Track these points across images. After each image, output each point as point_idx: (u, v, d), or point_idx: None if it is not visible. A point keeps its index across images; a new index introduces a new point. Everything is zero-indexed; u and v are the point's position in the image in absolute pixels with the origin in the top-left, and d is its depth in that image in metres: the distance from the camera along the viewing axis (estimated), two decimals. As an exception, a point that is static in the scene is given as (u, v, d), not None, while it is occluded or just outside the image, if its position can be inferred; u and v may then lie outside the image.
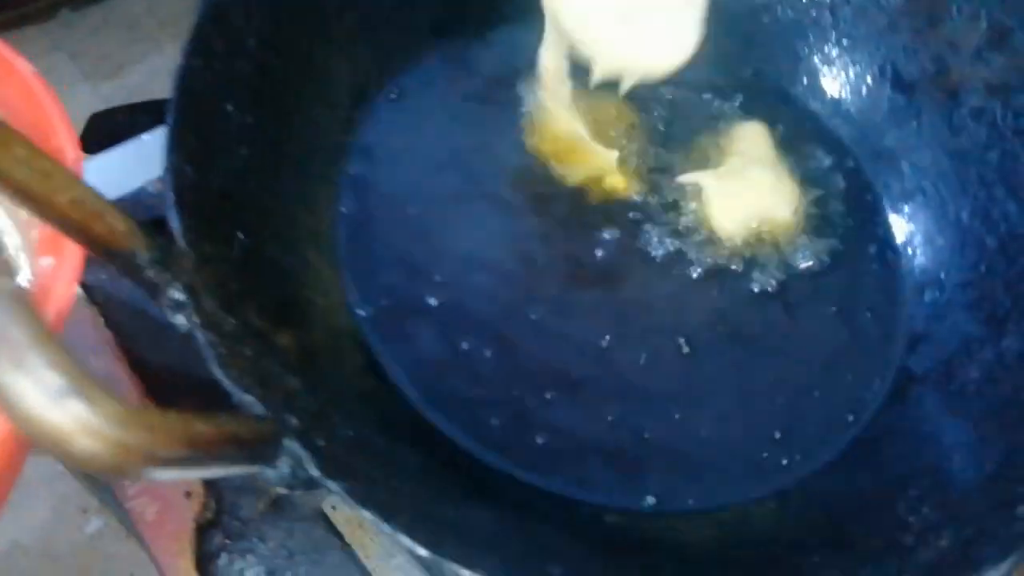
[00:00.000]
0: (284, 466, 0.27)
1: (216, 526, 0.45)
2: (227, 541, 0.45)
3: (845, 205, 0.55)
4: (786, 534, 0.42)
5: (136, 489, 0.44)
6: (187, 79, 0.36)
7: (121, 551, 0.83)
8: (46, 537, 0.85)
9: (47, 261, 0.29)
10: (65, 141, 0.30)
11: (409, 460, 0.38)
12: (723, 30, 0.52)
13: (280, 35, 0.44)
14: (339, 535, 0.45)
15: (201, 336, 0.28)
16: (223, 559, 0.45)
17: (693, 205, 0.52)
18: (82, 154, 0.30)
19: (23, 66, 0.32)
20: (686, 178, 0.52)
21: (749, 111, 0.57)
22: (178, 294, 0.29)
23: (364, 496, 0.28)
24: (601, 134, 0.53)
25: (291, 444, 0.27)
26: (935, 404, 0.47)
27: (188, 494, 0.45)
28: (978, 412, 0.45)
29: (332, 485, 0.27)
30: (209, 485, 0.46)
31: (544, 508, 0.41)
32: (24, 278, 0.30)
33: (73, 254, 0.28)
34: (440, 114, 0.53)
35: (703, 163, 0.54)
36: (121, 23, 1.32)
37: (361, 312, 0.44)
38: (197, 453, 0.21)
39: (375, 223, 0.47)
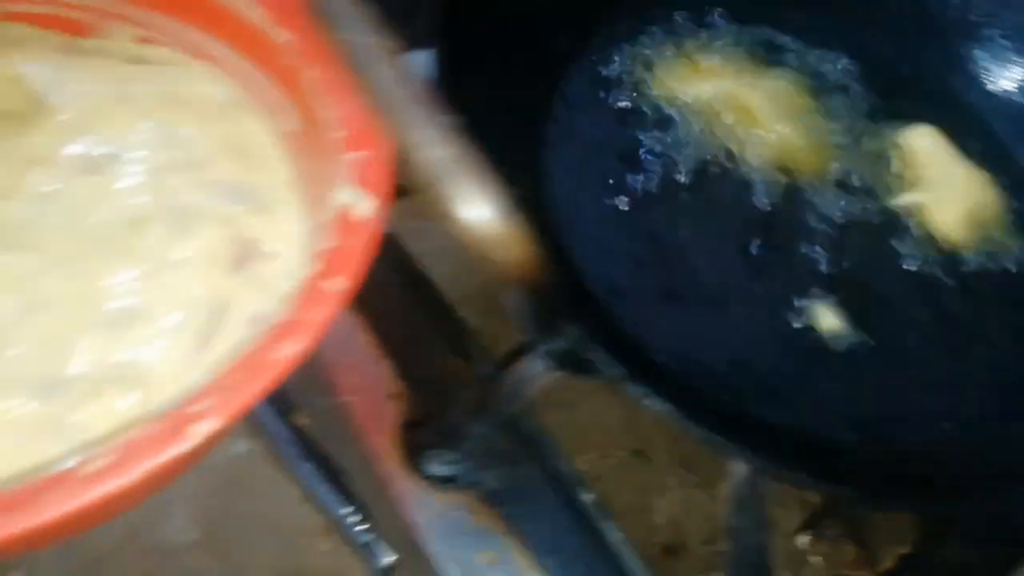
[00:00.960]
0: (561, 341, 0.37)
1: (422, 426, 0.51)
2: (432, 440, 0.50)
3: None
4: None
5: (346, 388, 0.52)
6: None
7: (263, 472, 0.94)
8: None
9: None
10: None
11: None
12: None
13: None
14: (529, 443, 0.52)
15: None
16: (428, 455, 0.50)
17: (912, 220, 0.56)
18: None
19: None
20: (902, 200, 0.56)
21: (915, 114, 0.60)
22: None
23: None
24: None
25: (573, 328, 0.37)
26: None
27: (392, 396, 0.51)
28: None
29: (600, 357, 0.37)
30: (414, 389, 0.52)
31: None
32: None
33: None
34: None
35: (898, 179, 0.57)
36: None
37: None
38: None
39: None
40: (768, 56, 0.61)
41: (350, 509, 0.61)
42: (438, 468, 0.51)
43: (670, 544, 0.64)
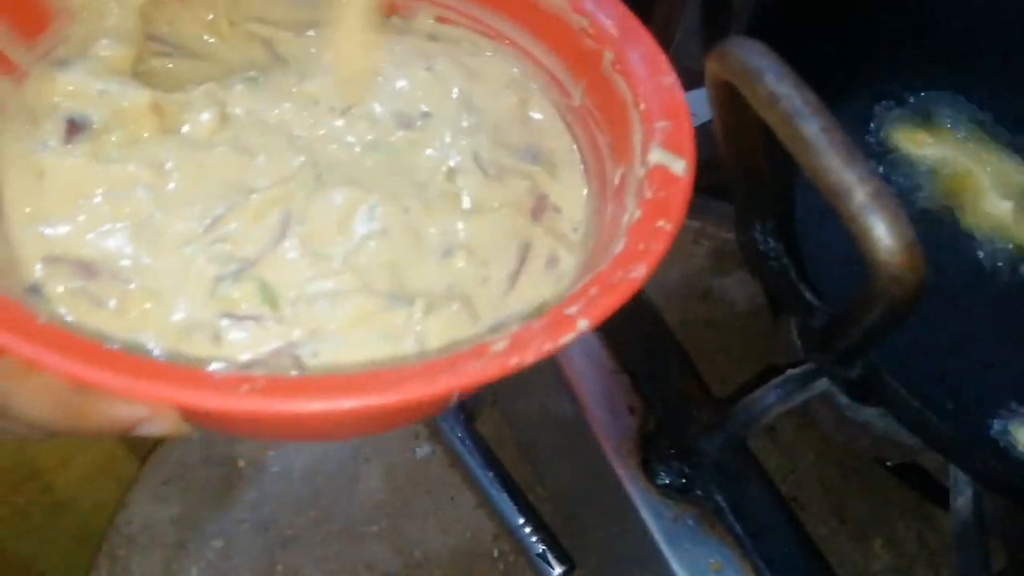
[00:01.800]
0: (854, 371, 0.42)
1: (659, 438, 0.57)
2: (666, 452, 0.56)
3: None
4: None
5: (588, 399, 0.59)
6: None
7: (445, 475, 1.01)
8: (383, 448, 1.05)
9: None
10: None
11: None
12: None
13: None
14: (758, 467, 0.58)
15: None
16: (661, 466, 0.56)
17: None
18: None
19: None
20: None
21: None
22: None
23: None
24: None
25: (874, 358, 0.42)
26: None
27: (632, 409, 0.59)
28: None
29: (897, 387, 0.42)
30: (648, 405, 0.58)
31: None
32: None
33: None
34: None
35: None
36: None
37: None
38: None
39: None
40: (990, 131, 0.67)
41: (523, 520, 0.68)
42: (670, 479, 0.56)
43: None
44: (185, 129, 0.46)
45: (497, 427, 0.78)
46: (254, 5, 0.51)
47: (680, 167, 0.39)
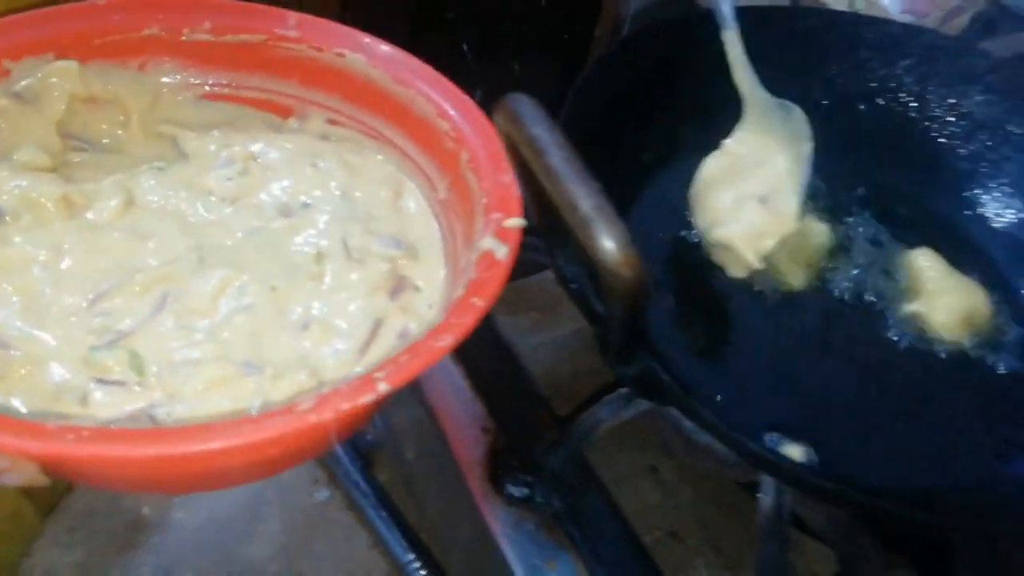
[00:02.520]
0: (632, 370, 0.47)
1: (507, 454, 0.63)
2: (514, 467, 0.62)
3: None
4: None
5: (448, 423, 0.65)
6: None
7: (342, 517, 1.05)
8: (285, 492, 1.08)
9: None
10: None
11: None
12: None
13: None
14: (593, 477, 0.63)
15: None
16: (511, 477, 0.62)
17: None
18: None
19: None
20: (910, 309, 0.71)
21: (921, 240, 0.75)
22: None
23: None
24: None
25: (646, 356, 0.48)
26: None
27: (484, 429, 0.65)
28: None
29: (669, 381, 0.47)
30: (500, 425, 0.65)
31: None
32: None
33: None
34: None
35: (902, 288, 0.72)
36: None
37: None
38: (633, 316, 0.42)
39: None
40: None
41: (412, 556, 0.72)
42: (516, 490, 0.62)
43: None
44: (90, 215, 0.51)
45: (392, 473, 0.83)
46: (164, 109, 0.57)
47: (503, 252, 0.44)
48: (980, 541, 0.57)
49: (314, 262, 0.50)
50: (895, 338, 0.69)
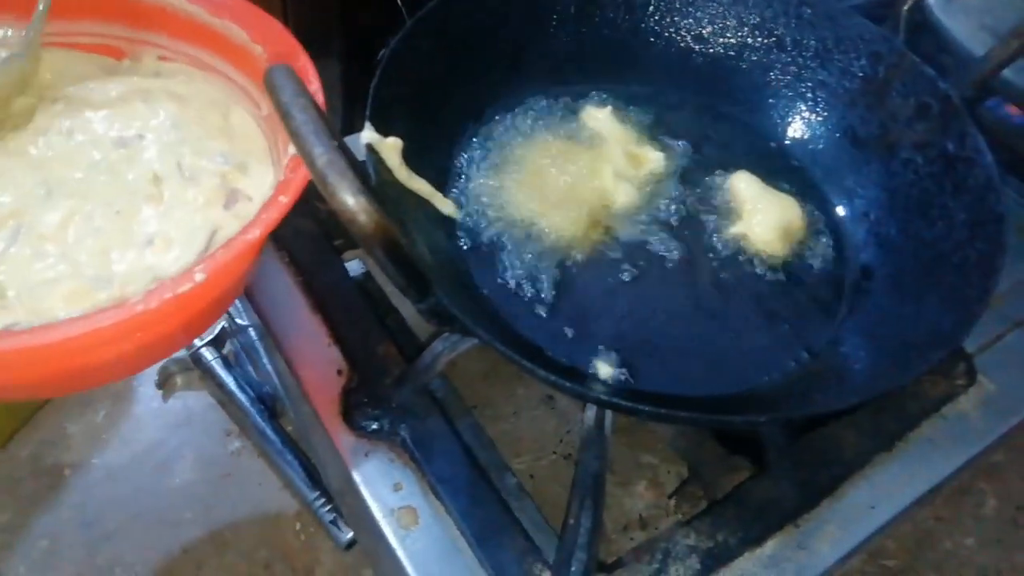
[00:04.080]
0: (429, 301, 0.52)
1: (358, 392, 0.69)
2: (364, 401, 0.69)
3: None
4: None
5: (306, 369, 0.71)
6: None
7: (253, 464, 1.13)
8: (199, 446, 1.16)
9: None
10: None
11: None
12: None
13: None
14: (439, 405, 0.71)
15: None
16: (360, 412, 0.68)
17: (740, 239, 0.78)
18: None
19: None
20: (732, 232, 0.78)
21: (741, 164, 0.83)
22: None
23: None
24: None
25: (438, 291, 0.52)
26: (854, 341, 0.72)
27: (339, 372, 0.71)
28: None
29: (455, 311, 0.54)
30: (353, 366, 0.71)
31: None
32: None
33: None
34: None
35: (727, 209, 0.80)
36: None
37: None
38: (393, 258, 0.46)
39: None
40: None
41: (317, 494, 0.81)
42: (365, 423, 0.68)
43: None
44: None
45: (298, 422, 0.90)
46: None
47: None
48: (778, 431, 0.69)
49: (152, 184, 0.57)
50: (721, 256, 0.77)
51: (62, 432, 1.19)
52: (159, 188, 0.56)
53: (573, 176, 0.79)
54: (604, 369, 0.65)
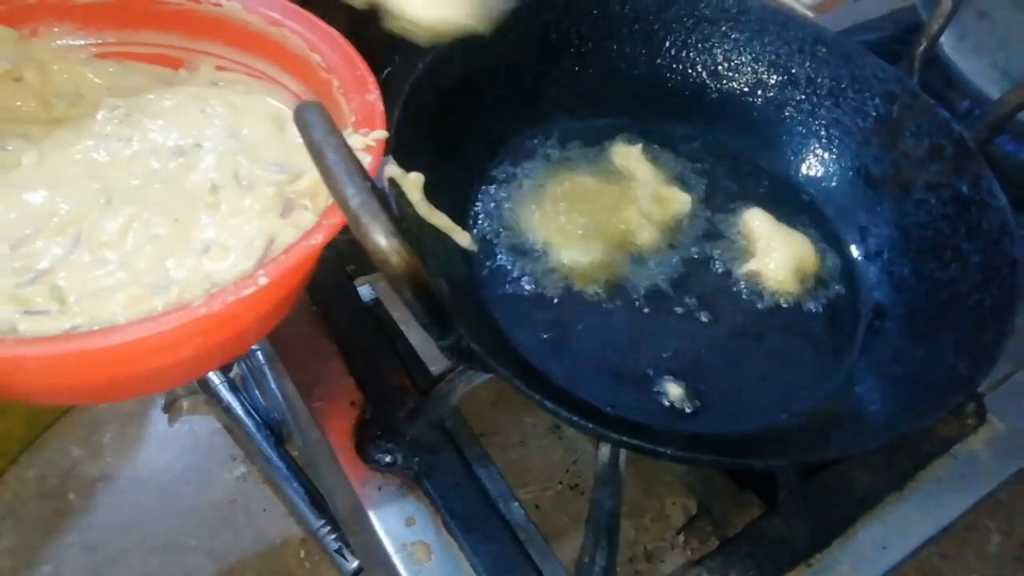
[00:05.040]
0: (452, 339, 0.52)
1: (371, 424, 0.69)
2: (378, 433, 0.69)
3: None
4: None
5: (319, 399, 0.71)
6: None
7: (258, 490, 1.13)
8: (204, 471, 1.15)
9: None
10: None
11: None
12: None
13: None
14: (451, 438, 0.71)
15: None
16: (375, 445, 0.68)
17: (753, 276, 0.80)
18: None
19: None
20: (746, 269, 0.80)
21: (754, 201, 0.86)
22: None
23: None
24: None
25: (460, 329, 0.53)
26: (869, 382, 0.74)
27: (353, 403, 0.71)
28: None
29: (478, 350, 0.54)
30: (367, 398, 0.71)
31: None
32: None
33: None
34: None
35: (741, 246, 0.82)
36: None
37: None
38: (420, 298, 0.47)
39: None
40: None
41: (323, 522, 0.82)
42: (378, 455, 0.69)
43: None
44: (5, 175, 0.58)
45: (305, 449, 0.90)
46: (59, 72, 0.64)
47: (367, 162, 0.53)
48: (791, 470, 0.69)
49: (210, 193, 0.58)
50: (741, 295, 0.78)
51: (68, 454, 1.19)
52: (216, 196, 0.58)
53: (596, 212, 0.80)
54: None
